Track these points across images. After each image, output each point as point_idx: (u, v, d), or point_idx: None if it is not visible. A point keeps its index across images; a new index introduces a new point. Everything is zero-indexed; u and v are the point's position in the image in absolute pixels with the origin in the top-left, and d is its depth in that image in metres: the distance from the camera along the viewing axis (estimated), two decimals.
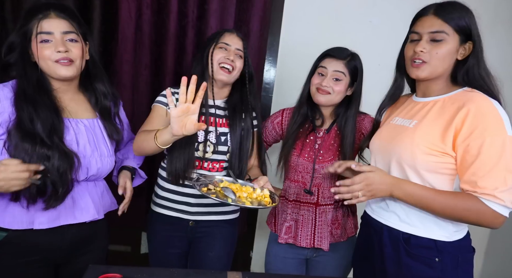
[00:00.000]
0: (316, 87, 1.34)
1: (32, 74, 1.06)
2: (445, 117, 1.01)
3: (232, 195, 1.15)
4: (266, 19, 1.81)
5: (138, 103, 1.78)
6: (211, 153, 1.31)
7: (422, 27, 1.04)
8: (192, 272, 1.10)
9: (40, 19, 1.04)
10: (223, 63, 1.28)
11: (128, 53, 1.71)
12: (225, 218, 1.41)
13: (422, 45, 1.03)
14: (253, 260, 2.16)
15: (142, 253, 2.10)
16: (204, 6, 1.73)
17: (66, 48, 1.06)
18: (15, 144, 0.99)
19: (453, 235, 1.05)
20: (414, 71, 1.07)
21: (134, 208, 1.83)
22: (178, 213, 1.37)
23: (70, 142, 1.09)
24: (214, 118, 1.35)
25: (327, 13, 1.92)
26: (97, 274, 1.00)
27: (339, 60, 1.32)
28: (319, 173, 1.35)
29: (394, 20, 1.93)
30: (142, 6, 1.69)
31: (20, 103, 1.03)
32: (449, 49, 1.02)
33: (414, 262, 1.05)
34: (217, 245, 1.40)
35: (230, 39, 1.31)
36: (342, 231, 1.39)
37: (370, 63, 1.94)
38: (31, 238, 1.08)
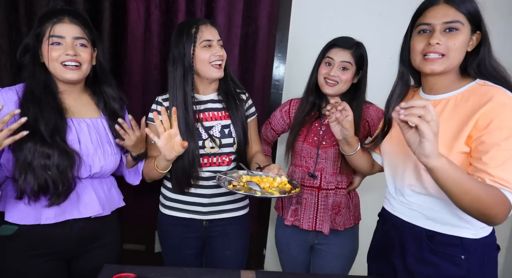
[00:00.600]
0: (324, 77, 1.37)
1: (40, 74, 1.12)
2: (460, 117, 0.96)
3: (257, 187, 1.16)
4: (274, 15, 1.79)
5: (148, 103, 1.78)
6: (218, 148, 1.31)
7: (434, 17, 0.96)
8: (206, 271, 1.11)
9: (54, 23, 1.09)
10: (214, 61, 1.26)
11: (137, 54, 1.72)
12: (237, 215, 1.42)
13: (438, 37, 0.95)
14: (267, 258, 2.16)
15: (156, 252, 2.11)
16: (211, 4, 1.72)
17: (75, 52, 1.10)
18: (19, 143, 1.02)
19: (479, 232, 1.00)
20: (428, 66, 0.98)
21: (147, 206, 1.86)
22: (191, 214, 1.36)
23: (72, 141, 1.13)
24: (212, 112, 1.35)
25: (336, 6, 1.89)
26: (112, 273, 1.01)
27: (345, 50, 1.36)
28: (322, 157, 1.41)
29: (405, 12, 1.87)
30: (151, 6, 1.69)
31: (27, 103, 1.07)
32: (465, 40, 0.96)
33: (438, 259, 1.01)
34: (232, 243, 1.41)
35: (209, 33, 1.26)
36: (342, 220, 1.43)
37: (381, 57, 1.91)
38: (40, 231, 1.12)
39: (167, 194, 1.39)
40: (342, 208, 1.43)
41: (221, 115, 1.35)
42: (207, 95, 1.36)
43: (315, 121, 1.45)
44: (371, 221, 1.45)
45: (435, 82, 1.03)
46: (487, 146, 0.90)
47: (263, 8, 1.76)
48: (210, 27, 1.28)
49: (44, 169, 1.04)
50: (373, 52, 1.89)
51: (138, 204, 1.85)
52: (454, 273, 1.00)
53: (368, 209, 1.63)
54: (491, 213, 0.87)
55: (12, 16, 1.62)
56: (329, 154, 1.41)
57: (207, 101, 1.36)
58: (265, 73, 1.85)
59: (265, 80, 1.86)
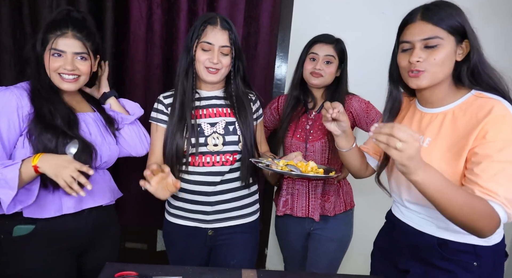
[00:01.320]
0: (310, 71, 1.46)
1: (45, 77, 1.16)
2: (459, 133, 0.94)
3: (297, 170, 1.16)
4: (276, 14, 1.79)
5: (150, 102, 1.78)
6: (221, 145, 1.27)
7: (412, 35, 0.95)
8: (207, 269, 1.11)
9: (57, 36, 1.12)
10: (209, 67, 1.24)
11: (140, 53, 1.72)
12: (245, 222, 1.36)
13: (418, 54, 0.94)
14: (268, 257, 2.16)
15: (158, 251, 2.12)
16: (213, 3, 1.72)
17: (73, 67, 1.14)
18: (38, 135, 1.07)
19: (492, 238, 0.99)
20: (413, 81, 0.98)
21: (149, 206, 1.87)
22: (195, 222, 1.32)
23: (84, 133, 1.18)
24: (217, 108, 1.31)
25: (338, 6, 1.89)
26: (114, 272, 1.02)
27: (328, 44, 1.45)
28: (311, 151, 1.49)
29: (407, 11, 1.88)
30: (153, 6, 1.70)
31: (39, 99, 1.12)
32: (447, 53, 0.94)
33: (450, 264, 1.00)
34: (238, 252, 1.35)
35: (213, 36, 1.22)
36: (331, 206, 1.52)
37: (383, 56, 1.91)
38: (58, 225, 1.15)
39: (172, 201, 1.35)
40: (331, 196, 1.53)
41: (226, 112, 1.31)
42: (211, 91, 1.33)
43: (302, 116, 1.52)
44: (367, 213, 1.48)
45: (430, 95, 1.02)
46: (480, 157, 0.89)
47: (264, 8, 1.76)
48: (217, 29, 1.22)
49: None
50: (375, 51, 1.89)
51: (140, 205, 1.86)
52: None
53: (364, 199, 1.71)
54: (477, 225, 0.85)
55: (16, 16, 1.63)
56: (316, 147, 1.49)
57: (211, 97, 1.33)
58: (267, 72, 1.85)
59: (267, 79, 1.86)
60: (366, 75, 1.80)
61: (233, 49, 1.25)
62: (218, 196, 1.30)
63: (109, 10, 1.65)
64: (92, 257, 1.26)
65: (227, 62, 1.25)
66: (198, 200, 1.30)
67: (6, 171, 1.01)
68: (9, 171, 1.00)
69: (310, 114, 1.52)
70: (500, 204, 0.86)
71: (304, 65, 1.48)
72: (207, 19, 1.24)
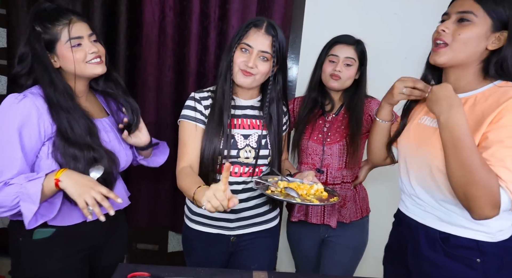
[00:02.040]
0: (330, 74, 1.41)
1: (59, 82, 1.08)
2: (476, 116, 0.93)
3: (295, 194, 1.11)
4: (288, 16, 1.79)
5: (162, 105, 1.81)
6: (253, 158, 1.23)
7: (453, 6, 0.97)
8: (218, 271, 1.11)
9: (67, 24, 1.06)
10: (243, 69, 1.18)
11: (152, 56, 1.74)
12: (266, 227, 1.35)
13: (446, 25, 0.95)
14: (279, 259, 2.15)
15: (169, 252, 2.14)
16: (225, 5, 1.73)
17: (97, 48, 1.11)
18: (63, 152, 1.04)
19: (497, 235, 0.97)
20: (432, 57, 0.98)
21: (161, 208, 1.88)
22: (218, 229, 1.29)
23: (106, 141, 1.16)
24: (251, 120, 1.26)
25: (349, 7, 1.88)
26: (126, 272, 1.02)
27: (349, 46, 1.40)
28: (328, 154, 1.45)
29: (420, 12, 1.86)
30: (165, 9, 1.72)
31: (57, 112, 1.05)
32: (476, 33, 0.92)
33: (453, 262, 0.99)
34: (260, 257, 1.34)
35: (254, 39, 1.16)
36: (348, 212, 1.46)
37: (396, 56, 1.89)
38: (78, 229, 1.14)
39: (193, 208, 1.31)
40: (348, 202, 1.47)
41: (259, 124, 1.27)
42: (247, 100, 1.28)
43: (318, 118, 1.48)
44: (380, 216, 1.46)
45: (454, 80, 1.00)
46: (490, 141, 0.88)
47: (276, 10, 1.76)
48: (260, 33, 1.16)
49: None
50: (387, 52, 1.87)
51: (151, 206, 1.87)
52: (469, 277, 0.98)
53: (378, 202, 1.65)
54: (477, 201, 0.85)
55: None
56: (334, 150, 1.44)
57: (246, 106, 1.27)
58: None
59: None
60: (378, 76, 1.78)
61: (274, 57, 1.18)
62: (242, 204, 1.28)
63: (122, 14, 1.68)
64: (101, 258, 1.26)
65: (264, 69, 1.18)
66: None
67: (30, 185, 0.98)
68: (32, 185, 0.98)
69: (328, 116, 1.48)
70: (505, 189, 0.86)
71: (323, 67, 1.42)
72: (254, 21, 1.19)
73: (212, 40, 1.76)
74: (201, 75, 1.80)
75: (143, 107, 1.76)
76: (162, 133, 1.81)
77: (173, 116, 1.80)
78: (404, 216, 1.14)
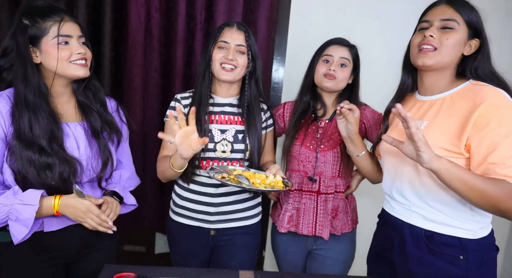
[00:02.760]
0: (324, 73, 1.36)
1: (34, 77, 1.05)
2: (458, 115, 0.98)
3: (246, 181, 1.15)
4: (273, 18, 1.81)
5: (149, 107, 1.80)
6: (229, 152, 1.30)
7: (433, 15, 1.04)
8: (205, 271, 1.12)
9: (59, 21, 1.05)
10: (224, 63, 1.26)
11: (138, 57, 1.74)
12: (246, 224, 1.37)
13: (432, 31, 1.02)
14: (266, 259, 2.17)
15: (156, 253, 2.13)
16: (211, 8, 1.74)
17: (84, 50, 1.10)
18: (19, 155, 1.01)
19: (478, 232, 1.02)
20: (420, 59, 1.04)
21: (147, 209, 1.87)
22: (198, 222, 1.34)
23: (71, 148, 1.11)
24: (228, 116, 1.34)
25: (334, 10, 1.91)
26: (112, 273, 1.02)
27: (344, 47, 1.38)
28: (321, 161, 1.38)
29: (403, 15, 1.91)
30: (151, 10, 1.72)
31: (20, 110, 1.03)
32: (458, 39, 1.01)
33: (437, 259, 1.03)
34: (239, 253, 1.37)
35: (229, 35, 1.27)
36: (339, 224, 1.41)
37: (379, 59, 1.93)
38: (41, 238, 1.10)
39: (177, 200, 1.37)
40: (340, 212, 1.41)
41: (237, 120, 1.34)
42: (226, 98, 1.35)
43: (311, 124, 1.43)
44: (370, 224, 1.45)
45: (431, 83, 1.07)
46: (489, 146, 0.93)
47: (262, 12, 1.78)
48: (234, 29, 1.28)
49: (46, 179, 1.04)
50: (371, 55, 1.90)
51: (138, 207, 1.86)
52: (453, 274, 1.01)
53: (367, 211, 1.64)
54: (504, 206, 0.90)
55: None
56: (328, 157, 1.38)
57: (224, 104, 1.34)
58: (264, 76, 1.86)
59: (264, 83, 1.87)
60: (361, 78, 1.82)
61: (249, 51, 1.28)
62: (222, 198, 1.33)
63: (107, 15, 1.67)
64: (82, 267, 1.21)
65: (243, 61, 1.27)
66: (202, 200, 1.33)
67: (22, 209, 0.99)
68: (25, 211, 1.00)
69: (321, 122, 1.42)
70: None
71: (316, 67, 1.39)
72: (225, 23, 1.32)
73: (198, 42, 1.77)
74: (187, 77, 1.80)
75: (129, 109, 1.75)
76: (148, 134, 1.81)
77: (160, 117, 1.80)
78: (389, 215, 1.16)
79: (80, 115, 1.17)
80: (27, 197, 1.01)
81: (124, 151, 1.31)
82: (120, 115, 1.28)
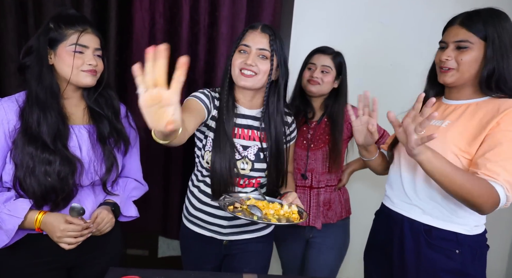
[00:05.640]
0: (308, 79, 1.51)
1: (47, 77, 1.09)
2: (480, 119, 1.04)
3: (258, 212, 1.11)
4: (276, 23, 1.83)
5: None
6: (249, 170, 1.23)
7: (448, 36, 1.11)
8: (209, 274, 1.12)
9: (80, 31, 1.11)
10: (243, 68, 1.16)
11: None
12: (259, 235, 1.36)
13: (447, 53, 1.09)
14: None
15: (159, 257, 2.13)
16: (215, 13, 1.76)
17: (96, 62, 1.14)
18: (21, 149, 1.04)
19: (473, 229, 1.10)
20: (441, 77, 1.13)
21: (151, 213, 1.88)
22: (211, 233, 1.32)
23: (73, 147, 1.13)
24: (252, 131, 1.25)
25: (337, 15, 1.93)
26: (117, 276, 1.03)
27: (326, 55, 1.50)
28: (312, 159, 1.53)
29: (405, 21, 1.92)
30: (155, 16, 1.73)
31: (30, 107, 1.07)
32: (474, 57, 1.06)
33: (434, 253, 1.10)
34: (252, 261, 1.36)
35: (252, 38, 1.17)
36: (333, 214, 1.56)
37: (381, 64, 1.94)
38: (40, 240, 1.11)
39: (190, 209, 1.35)
40: (333, 204, 1.56)
41: (260, 136, 1.24)
42: (251, 110, 1.26)
43: (303, 125, 1.56)
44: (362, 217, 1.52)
45: (457, 92, 1.14)
46: (491, 143, 0.99)
47: (265, 17, 1.79)
48: (257, 32, 1.18)
49: (44, 175, 1.05)
50: (373, 60, 1.92)
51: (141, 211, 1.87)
52: (449, 266, 1.09)
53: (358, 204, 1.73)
54: (477, 201, 0.97)
55: (22, 26, 1.66)
56: (318, 155, 1.52)
57: (249, 116, 1.25)
58: None
59: None
60: (364, 83, 1.83)
61: (273, 56, 1.16)
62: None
63: (112, 20, 1.68)
64: (87, 271, 1.22)
65: (265, 67, 1.16)
66: (216, 214, 1.30)
67: (7, 219, 1.03)
68: (9, 222, 1.03)
69: (311, 124, 1.56)
70: (500, 185, 0.97)
71: (303, 74, 1.55)
72: (251, 25, 1.22)
73: (202, 47, 1.78)
74: (191, 82, 1.81)
75: (134, 113, 1.75)
76: (152, 138, 1.82)
77: None
78: (390, 211, 1.23)
79: (88, 119, 1.20)
80: (15, 208, 1.04)
81: (132, 156, 1.32)
82: (129, 121, 1.30)
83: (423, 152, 0.97)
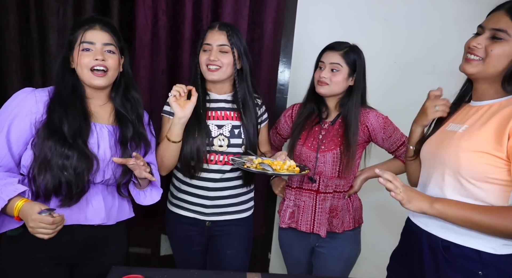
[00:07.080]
0: (317, 80, 1.43)
1: (69, 79, 1.15)
2: (498, 118, 0.94)
3: (269, 168, 1.23)
4: (280, 20, 1.81)
5: (156, 108, 1.81)
6: (226, 146, 1.36)
7: (488, 21, 0.98)
8: (212, 273, 1.12)
9: (85, 29, 1.13)
10: (208, 64, 1.32)
11: (145, 59, 1.75)
12: (239, 217, 1.46)
13: (478, 40, 0.97)
14: (272, 262, 2.16)
15: (162, 255, 2.13)
16: (218, 10, 1.75)
17: (103, 57, 1.13)
18: (41, 141, 1.07)
19: (501, 248, 0.95)
20: (463, 65, 1.01)
21: (153, 210, 1.87)
22: (194, 214, 1.41)
23: (93, 144, 1.14)
24: (225, 112, 1.40)
25: (341, 12, 1.91)
26: (120, 275, 1.03)
27: (335, 52, 1.40)
28: (321, 161, 1.43)
29: (409, 17, 1.91)
30: (158, 13, 1.72)
31: (54, 104, 1.11)
32: (507, 51, 0.94)
33: (453, 273, 0.97)
34: (234, 242, 1.45)
35: (211, 37, 1.33)
36: (339, 222, 1.44)
37: (386, 61, 1.93)
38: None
39: (174, 192, 1.45)
40: (340, 211, 1.44)
41: (233, 115, 1.40)
42: (221, 95, 1.41)
43: (315, 125, 1.48)
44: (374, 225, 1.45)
45: (482, 89, 1.03)
46: None
47: (268, 14, 1.78)
48: (215, 31, 1.34)
49: (61, 169, 1.06)
50: (377, 57, 1.90)
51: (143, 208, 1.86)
52: None
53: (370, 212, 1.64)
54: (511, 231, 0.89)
55: (23, 23, 1.66)
56: (327, 158, 1.41)
57: (220, 100, 1.41)
58: (270, 77, 1.87)
59: (270, 84, 1.88)
60: (368, 81, 1.82)
61: (233, 49, 1.32)
62: (218, 192, 1.40)
63: (115, 17, 1.68)
64: (90, 269, 1.21)
65: (227, 61, 1.32)
66: (199, 193, 1.39)
67: None
68: None
69: (324, 124, 1.46)
70: None
71: (314, 74, 1.46)
72: (209, 25, 1.38)
73: None
74: None
75: None
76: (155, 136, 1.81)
77: None
78: (411, 222, 1.13)
79: (113, 120, 1.22)
80: (5, 190, 1.02)
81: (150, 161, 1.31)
82: (151, 129, 1.33)
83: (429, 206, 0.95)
